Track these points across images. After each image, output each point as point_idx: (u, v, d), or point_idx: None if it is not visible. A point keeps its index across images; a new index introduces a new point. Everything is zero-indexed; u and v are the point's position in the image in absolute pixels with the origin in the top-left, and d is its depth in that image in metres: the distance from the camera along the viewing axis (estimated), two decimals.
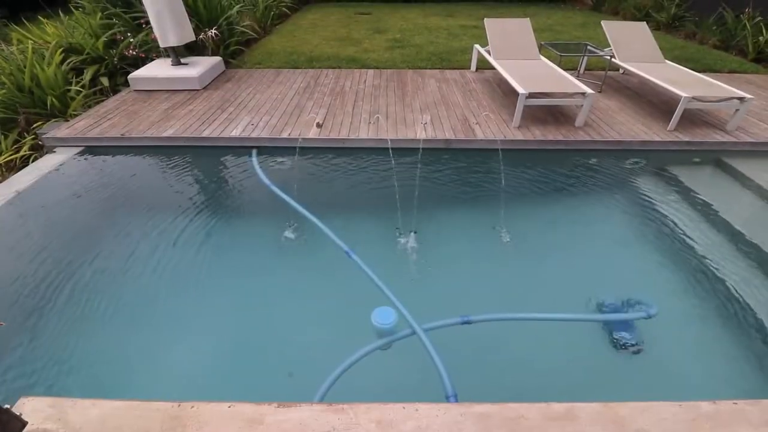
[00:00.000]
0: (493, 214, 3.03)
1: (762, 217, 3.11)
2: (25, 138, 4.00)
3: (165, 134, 3.78)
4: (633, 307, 2.29)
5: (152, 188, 3.47)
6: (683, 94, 3.68)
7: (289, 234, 2.83)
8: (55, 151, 3.75)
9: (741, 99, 3.72)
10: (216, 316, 2.32)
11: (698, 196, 3.24)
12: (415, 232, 2.81)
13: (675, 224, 2.95)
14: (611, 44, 4.84)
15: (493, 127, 3.90)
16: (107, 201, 3.23)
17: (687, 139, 3.73)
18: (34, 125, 4.11)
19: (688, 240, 2.80)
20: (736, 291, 2.39)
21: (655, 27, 8.08)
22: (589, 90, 3.77)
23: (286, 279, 2.56)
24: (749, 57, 6.17)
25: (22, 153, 3.81)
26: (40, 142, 3.90)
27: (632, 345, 2.10)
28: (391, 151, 3.52)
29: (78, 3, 5.88)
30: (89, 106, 4.52)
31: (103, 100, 4.68)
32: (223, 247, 2.78)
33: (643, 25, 5.05)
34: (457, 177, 3.51)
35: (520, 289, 2.48)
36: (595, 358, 2.11)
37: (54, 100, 4.28)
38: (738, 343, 2.15)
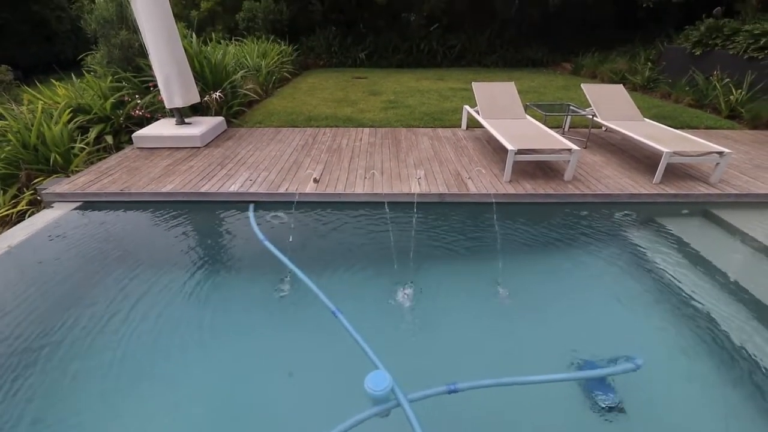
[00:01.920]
0: (489, 268, 3.03)
1: (751, 267, 3.13)
2: (24, 193, 4.05)
3: (164, 189, 3.85)
4: (616, 362, 2.23)
5: (147, 244, 3.46)
6: (665, 150, 3.86)
7: (279, 292, 2.78)
8: (52, 207, 3.78)
9: (720, 153, 3.90)
10: (200, 378, 2.21)
11: (688, 247, 3.28)
12: (410, 288, 2.77)
13: (667, 275, 2.95)
14: (592, 104, 5.16)
15: (485, 182, 4.01)
16: (100, 257, 3.20)
17: (673, 191, 3.85)
18: (35, 181, 4.18)
19: (680, 291, 2.79)
20: (730, 342, 2.36)
21: (632, 88, 8.67)
22: (575, 146, 3.95)
23: (274, 340, 2.47)
24: (723, 114, 6.56)
25: (19, 208, 3.84)
26: (38, 197, 3.94)
27: (613, 404, 2.02)
28: (386, 206, 3.59)
29: (90, 67, 6.25)
30: (92, 163, 4.64)
31: (105, 157, 4.81)
32: (213, 306, 2.70)
33: (620, 87, 5.42)
34: (452, 231, 3.55)
35: (513, 348, 2.41)
36: (583, 420, 2.00)
37: (57, 156, 4.38)
38: (731, 396, 2.08)
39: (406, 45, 13.03)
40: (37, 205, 3.94)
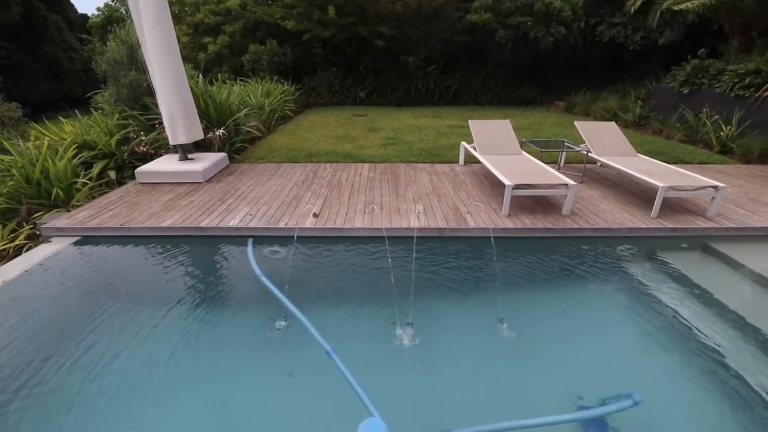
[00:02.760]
0: (490, 304, 2.98)
1: (754, 300, 3.09)
2: (23, 227, 4.05)
3: (163, 224, 3.85)
4: (613, 400, 2.15)
5: (142, 280, 3.40)
6: (660, 184, 3.91)
7: (274, 330, 2.71)
8: (50, 241, 3.77)
9: (715, 187, 3.96)
10: (188, 419, 2.11)
11: (690, 281, 3.25)
12: (409, 326, 2.71)
13: (669, 310, 2.90)
14: (586, 141, 5.28)
15: (483, 216, 4.04)
16: (95, 293, 3.15)
17: (671, 225, 3.86)
18: (35, 215, 4.19)
19: (682, 326, 2.74)
20: (734, 377, 2.30)
21: (624, 125, 8.91)
22: (571, 181, 4.01)
23: (265, 380, 2.38)
24: (715, 149, 6.71)
25: (17, 242, 3.82)
26: (37, 232, 3.94)
27: None
28: (386, 240, 3.58)
29: (98, 106, 6.45)
30: (93, 198, 4.67)
31: (107, 192, 4.85)
32: (205, 345, 2.61)
33: (612, 125, 5.58)
34: (452, 266, 3.52)
35: (512, 389, 2.32)
36: None
37: (59, 191, 4.43)
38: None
39: (405, 85, 13.55)
40: (35, 239, 3.92)
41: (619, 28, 10.44)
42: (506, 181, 3.95)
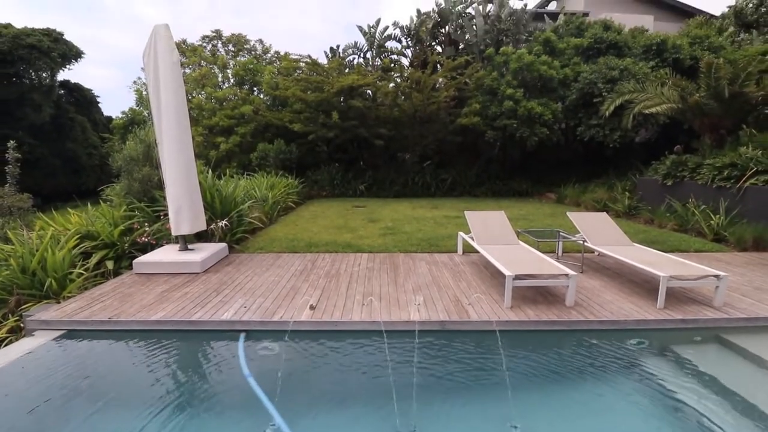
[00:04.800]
0: (499, 405, 2.73)
1: None
2: (8, 319, 3.89)
3: (154, 318, 3.71)
4: None
5: (122, 380, 3.16)
6: (661, 274, 3.88)
7: None
8: (33, 335, 3.59)
9: (717, 276, 3.92)
10: None
11: (708, 376, 3.05)
12: None
13: (686, 407, 2.67)
14: (581, 231, 5.39)
15: (486, 308, 3.92)
16: (70, 392, 2.89)
17: (680, 317, 3.74)
18: (23, 306, 4.06)
19: (700, 424, 2.48)
20: None
21: (615, 215, 9.19)
22: (571, 271, 3.98)
23: None
24: (709, 238, 6.82)
25: None
26: (21, 324, 3.77)
27: None
28: (384, 334, 3.42)
29: (108, 198, 6.70)
30: (86, 288, 4.58)
31: (102, 283, 4.77)
32: None
33: (604, 215, 5.75)
34: (456, 362, 3.30)
35: None
36: None
37: (53, 282, 4.36)
38: None
39: (402, 178, 14.31)
40: (18, 332, 3.74)
41: (597, 128, 11.41)
42: (506, 272, 3.93)
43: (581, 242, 5.31)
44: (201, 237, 6.15)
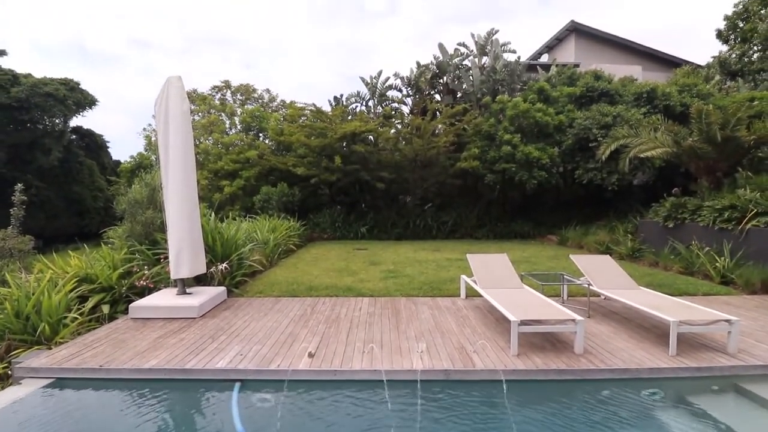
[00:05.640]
0: None
1: None
2: None
3: (146, 366, 3.57)
4: None
5: None
6: (671, 319, 3.76)
7: None
8: (20, 383, 3.45)
9: (728, 321, 3.80)
10: None
11: (724, 425, 2.88)
12: None
13: None
14: (585, 274, 5.31)
15: (491, 356, 3.77)
16: None
17: (694, 364, 3.58)
18: (14, 352, 3.94)
19: None
20: None
21: (619, 258, 9.09)
22: (578, 316, 3.87)
23: None
24: (716, 280, 6.69)
25: None
26: (10, 372, 3.63)
27: None
28: (386, 384, 3.26)
29: (109, 240, 6.69)
30: (79, 334, 4.46)
31: (96, 328, 4.65)
32: None
33: (607, 258, 5.69)
34: (462, 415, 3.12)
35: None
36: None
37: (47, 327, 4.25)
38: None
39: (404, 221, 14.37)
40: (5, 380, 3.59)
41: (595, 172, 11.60)
42: (511, 317, 3.82)
43: (586, 286, 5.21)
44: (200, 280, 6.08)
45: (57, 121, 17.33)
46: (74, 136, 20.19)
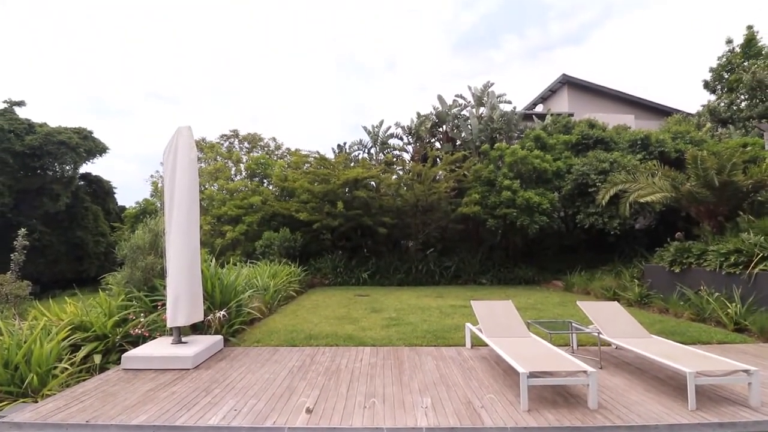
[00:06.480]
0: None
1: None
2: None
3: (134, 422, 3.38)
4: None
5: None
6: (687, 370, 3.59)
7: None
8: None
9: (746, 371, 3.62)
10: None
11: None
12: None
13: None
14: (594, 322, 5.14)
15: (500, 411, 3.55)
16: None
17: (716, 420, 3.36)
18: None
19: None
20: None
21: (627, 304, 8.86)
22: (590, 368, 3.70)
23: None
24: (729, 328, 6.45)
25: None
26: None
27: None
28: None
29: (107, 286, 6.59)
30: (68, 385, 4.27)
31: (86, 379, 4.46)
32: None
33: (615, 304, 5.53)
34: None
35: None
36: None
37: (35, 378, 4.08)
38: None
39: (406, 266, 14.22)
40: None
41: (596, 216, 11.62)
42: (520, 369, 3.64)
43: (596, 334, 5.03)
44: (197, 328, 5.91)
45: (67, 167, 17.77)
46: (82, 182, 20.59)
